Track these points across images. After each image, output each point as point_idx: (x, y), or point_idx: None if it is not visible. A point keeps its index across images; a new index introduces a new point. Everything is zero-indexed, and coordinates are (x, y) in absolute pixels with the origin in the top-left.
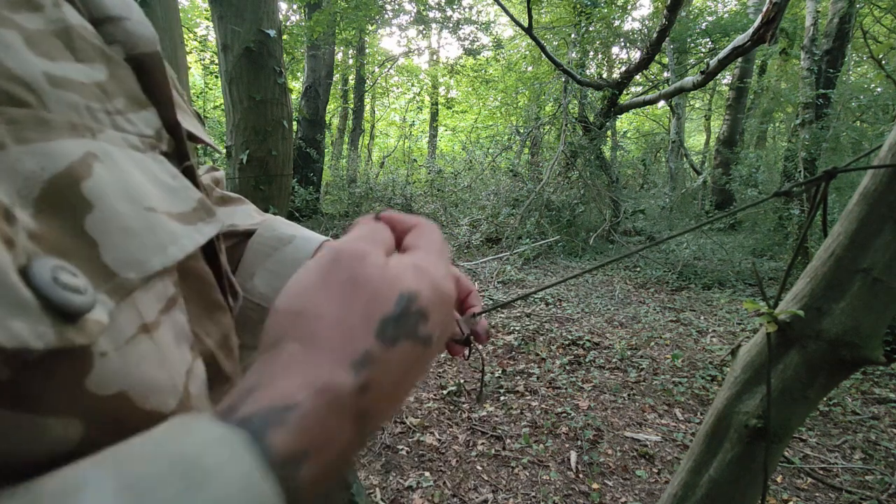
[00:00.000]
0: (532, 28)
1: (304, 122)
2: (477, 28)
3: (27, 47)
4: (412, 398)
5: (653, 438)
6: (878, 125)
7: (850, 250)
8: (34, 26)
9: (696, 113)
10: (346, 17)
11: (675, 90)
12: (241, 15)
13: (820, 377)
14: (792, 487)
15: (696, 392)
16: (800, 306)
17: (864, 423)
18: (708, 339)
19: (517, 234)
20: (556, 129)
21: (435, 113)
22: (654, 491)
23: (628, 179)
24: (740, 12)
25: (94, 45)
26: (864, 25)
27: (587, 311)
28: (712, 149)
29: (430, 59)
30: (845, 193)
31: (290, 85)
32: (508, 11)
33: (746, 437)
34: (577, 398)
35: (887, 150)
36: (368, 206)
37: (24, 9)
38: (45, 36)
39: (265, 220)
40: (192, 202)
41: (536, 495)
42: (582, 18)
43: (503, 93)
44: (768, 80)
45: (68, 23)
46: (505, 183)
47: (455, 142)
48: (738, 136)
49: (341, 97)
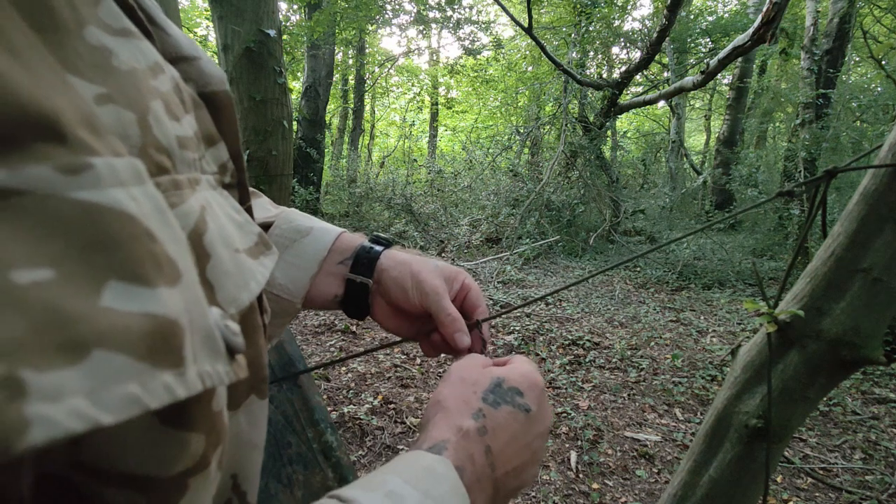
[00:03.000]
0: (532, 28)
1: (304, 122)
2: (477, 28)
3: (166, 114)
4: (412, 398)
5: (653, 438)
6: (878, 125)
7: (850, 250)
8: (165, 88)
9: (696, 113)
10: (346, 17)
11: (675, 90)
12: (241, 15)
13: (820, 377)
14: (792, 487)
15: (696, 392)
16: (800, 306)
17: (864, 423)
18: (708, 339)
19: (517, 234)
20: (556, 129)
21: (435, 113)
22: (654, 491)
23: (628, 179)
24: (740, 12)
25: (189, 93)
26: (864, 25)
27: (587, 311)
28: (712, 149)
29: (430, 59)
30: (845, 193)
31: (290, 85)
32: (508, 11)
33: (746, 437)
34: (577, 398)
35: (887, 150)
36: (368, 206)
37: (158, 73)
38: (170, 96)
39: (281, 213)
40: (255, 236)
41: (536, 495)
42: (582, 18)
43: (503, 93)
44: (768, 80)
45: (177, 77)
46: (505, 183)
47: (455, 142)
48: (738, 136)
49: (341, 97)
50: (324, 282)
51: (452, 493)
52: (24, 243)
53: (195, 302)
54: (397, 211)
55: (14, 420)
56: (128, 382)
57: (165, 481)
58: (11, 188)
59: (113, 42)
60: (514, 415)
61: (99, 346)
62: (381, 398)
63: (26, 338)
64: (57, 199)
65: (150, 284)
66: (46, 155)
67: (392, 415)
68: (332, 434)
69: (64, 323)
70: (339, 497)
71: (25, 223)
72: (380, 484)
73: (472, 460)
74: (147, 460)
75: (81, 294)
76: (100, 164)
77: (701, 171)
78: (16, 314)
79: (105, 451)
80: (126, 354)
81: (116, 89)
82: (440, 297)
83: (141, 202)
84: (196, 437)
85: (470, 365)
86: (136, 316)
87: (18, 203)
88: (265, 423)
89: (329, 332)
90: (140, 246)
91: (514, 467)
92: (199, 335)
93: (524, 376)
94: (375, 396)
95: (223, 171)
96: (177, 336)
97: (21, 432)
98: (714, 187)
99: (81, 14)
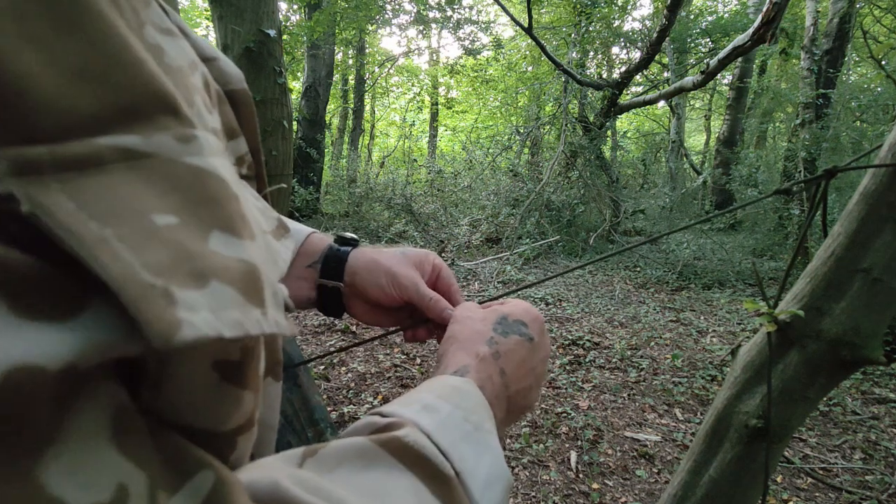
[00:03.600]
0: (532, 28)
1: (304, 122)
2: (477, 28)
3: (205, 108)
4: None
5: (653, 438)
6: (878, 125)
7: (850, 250)
8: (200, 84)
9: (696, 113)
10: (346, 17)
11: (675, 90)
12: (241, 15)
13: (820, 377)
14: (792, 487)
15: (696, 392)
16: (800, 306)
17: (864, 423)
18: (708, 339)
19: (517, 234)
20: (556, 129)
21: (435, 113)
22: (654, 491)
23: (628, 179)
24: (740, 12)
25: (216, 89)
26: (864, 25)
27: (587, 311)
28: (712, 149)
29: (430, 59)
30: (845, 193)
31: (290, 85)
32: (508, 11)
33: (746, 437)
34: (577, 398)
35: (887, 150)
36: (368, 206)
37: (195, 70)
38: (203, 92)
39: None
40: (274, 221)
41: (536, 495)
42: (582, 18)
43: (503, 93)
44: (768, 80)
45: (207, 74)
46: (505, 183)
47: (455, 142)
48: (738, 136)
49: (341, 97)
50: (294, 285)
51: (479, 406)
52: (156, 195)
53: (266, 257)
54: (397, 211)
55: (172, 319)
56: (235, 309)
57: (220, 437)
58: (145, 151)
59: (163, 40)
60: (521, 342)
61: (215, 277)
62: (381, 398)
63: (170, 264)
64: (176, 162)
65: (240, 236)
66: (167, 126)
67: None
68: (333, 434)
69: (191, 256)
70: (380, 412)
71: (156, 179)
72: (416, 400)
73: (490, 380)
74: (209, 415)
75: (197, 238)
76: (201, 135)
77: (701, 171)
78: (162, 246)
79: (176, 403)
80: (232, 287)
81: (173, 84)
82: (418, 286)
83: (228, 169)
84: (248, 395)
85: (472, 306)
86: (233, 260)
87: (150, 163)
88: (279, 405)
89: (329, 331)
90: (232, 204)
91: (523, 387)
92: (269, 287)
93: (526, 311)
94: (375, 396)
95: (241, 163)
96: (260, 281)
97: (177, 329)
98: (714, 187)
99: (140, 15)
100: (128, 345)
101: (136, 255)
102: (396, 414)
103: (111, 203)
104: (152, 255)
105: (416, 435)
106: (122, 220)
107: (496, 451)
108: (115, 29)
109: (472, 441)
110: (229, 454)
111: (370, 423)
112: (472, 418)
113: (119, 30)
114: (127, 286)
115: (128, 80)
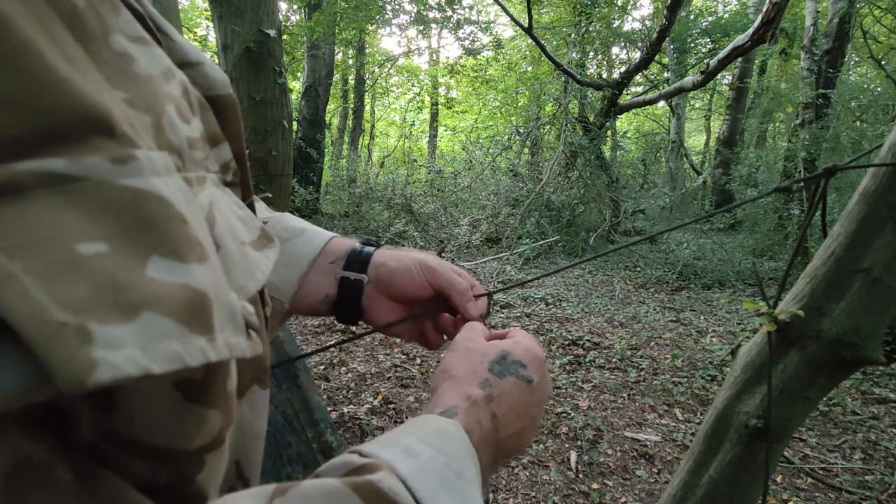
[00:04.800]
0: (532, 28)
1: (304, 122)
2: (477, 28)
3: (178, 117)
4: (412, 398)
5: (653, 438)
6: (878, 125)
7: (850, 250)
8: (176, 92)
9: (696, 113)
10: (346, 17)
11: (675, 90)
12: (241, 15)
13: (820, 377)
14: (792, 487)
15: (696, 392)
16: (800, 306)
17: (864, 423)
18: (708, 339)
19: (517, 234)
20: (556, 129)
21: (435, 113)
22: (654, 491)
23: (628, 179)
24: (740, 12)
25: (197, 96)
26: (864, 25)
27: (587, 311)
28: (712, 149)
29: (430, 59)
30: (845, 193)
31: (290, 85)
32: (508, 11)
33: (746, 437)
34: (577, 398)
35: (887, 150)
36: (368, 206)
37: (170, 78)
38: (180, 100)
39: (275, 216)
40: (257, 230)
41: (536, 495)
42: (582, 18)
43: (503, 93)
44: (768, 80)
45: (185, 81)
46: (505, 183)
47: (455, 142)
48: (738, 136)
49: (341, 97)
50: (314, 282)
51: (463, 451)
52: (83, 221)
53: (219, 280)
54: (397, 211)
55: (85, 360)
56: (171, 341)
57: (186, 455)
58: (72, 175)
59: (133, 48)
60: (518, 385)
61: (148, 308)
62: (380, 398)
63: (91, 297)
64: (109, 185)
65: (184, 260)
66: (101, 147)
67: (392, 415)
68: (332, 434)
69: (119, 287)
70: (359, 451)
71: (84, 204)
72: (397, 442)
73: (479, 424)
74: (172, 434)
75: (130, 265)
76: (141, 155)
77: (701, 171)
78: (82, 279)
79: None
80: (169, 317)
81: (136, 94)
82: (448, 273)
83: (173, 190)
84: (214, 413)
85: (474, 336)
86: (175, 286)
87: (78, 187)
88: (266, 412)
89: (329, 331)
90: (175, 227)
91: (516, 431)
92: (223, 310)
93: (527, 350)
94: (375, 396)
95: (225, 170)
96: (208, 307)
97: (91, 371)
98: (714, 187)
99: (107, 22)
100: (39, 391)
101: (49, 291)
102: (374, 455)
103: (26, 233)
104: (69, 289)
105: (390, 480)
106: (38, 252)
107: (475, 502)
108: (37, 50)
109: (452, 490)
110: (196, 472)
111: (346, 463)
112: (453, 464)
113: (42, 50)
114: (32, 326)
115: (53, 102)
